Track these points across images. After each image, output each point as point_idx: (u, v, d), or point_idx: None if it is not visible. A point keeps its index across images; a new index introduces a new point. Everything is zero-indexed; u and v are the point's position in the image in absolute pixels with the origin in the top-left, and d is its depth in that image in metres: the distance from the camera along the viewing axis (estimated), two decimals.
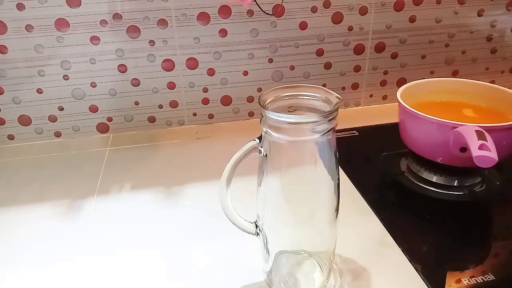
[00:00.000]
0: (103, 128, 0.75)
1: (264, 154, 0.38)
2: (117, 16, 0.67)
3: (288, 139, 0.36)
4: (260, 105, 0.36)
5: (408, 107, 0.55)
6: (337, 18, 0.74)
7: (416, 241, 0.50)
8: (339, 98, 0.36)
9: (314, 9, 0.72)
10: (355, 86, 0.81)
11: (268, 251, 0.42)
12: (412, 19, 0.77)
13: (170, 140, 0.74)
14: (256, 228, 0.41)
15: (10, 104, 0.70)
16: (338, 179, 0.39)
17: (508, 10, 0.79)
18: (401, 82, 0.82)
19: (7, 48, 0.66)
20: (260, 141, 0.38)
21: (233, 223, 0.41)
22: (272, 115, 0.35)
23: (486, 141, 0.47)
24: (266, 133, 0.37)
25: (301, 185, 0.39)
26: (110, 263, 0.48)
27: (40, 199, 0.59)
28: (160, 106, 0.75)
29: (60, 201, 0.58)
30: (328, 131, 0.36)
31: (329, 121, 0.35)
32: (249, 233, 0.41)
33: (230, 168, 0.39)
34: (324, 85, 0.73)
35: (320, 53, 0.76)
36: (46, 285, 0.45)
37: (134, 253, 0.49)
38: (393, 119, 0.62)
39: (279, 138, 0.36)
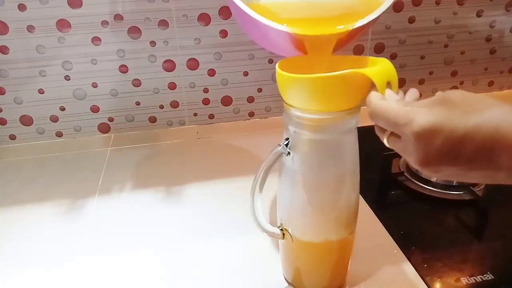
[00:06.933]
0: (104, 128, 0.75)
1: (287, 153, 0.38)
2: (118, 17, 0.67)
3: (319, 136, 0.37)
4: (287, 103, 0.36)
5: None
6: None
7: (416, 241, 0.50)
8: None
9: None
10: None
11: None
12: (411, 20, 0.77)
13: (171, 140, 0.74)
14: (281, 231, 0.42)
15: (11, 104, 0.70)
16: (359, 175, 0.40)
17: (507, 11, 0.79)
18: (400, 82, 0.82)
19: (8, 49, 0.66)
20: (285, 145, 0.38)
21: (261, 229, 0.41)
22: (298, 113, 0.35)
23: None
24: (294, 132, 0.37)
25: (325, 184, 0.39)
26: (111, 262, 0.48)
27: (41, 199, 0.59)
28: (161, 106, 0.75)
29: (61, 201, 0.58)
30: (353, 128, 0.38)
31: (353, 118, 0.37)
32: (275, 237, 0.42)
33: (262, 174, 0.38)
34: None
35: None
36: (46, 285, 0.46)
37: (135, 252, 0.49)
38: None
39: (309, 135, 0.37)
